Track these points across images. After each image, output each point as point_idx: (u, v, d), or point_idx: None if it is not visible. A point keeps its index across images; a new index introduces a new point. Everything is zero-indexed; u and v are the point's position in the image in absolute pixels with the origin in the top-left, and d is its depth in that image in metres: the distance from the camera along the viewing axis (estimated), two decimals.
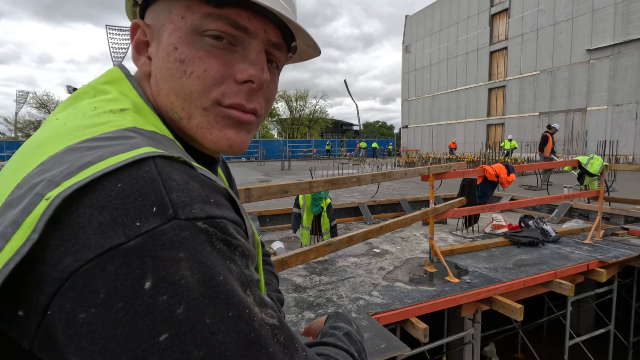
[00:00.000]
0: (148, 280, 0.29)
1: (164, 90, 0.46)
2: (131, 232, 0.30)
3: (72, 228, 0.30)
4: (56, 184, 0.31)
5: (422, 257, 4.08)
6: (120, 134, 0.37)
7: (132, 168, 0.32)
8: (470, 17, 32.16)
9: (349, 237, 2.70)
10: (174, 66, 0.44)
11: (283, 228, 5.70)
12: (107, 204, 0.30)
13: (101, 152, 0.33)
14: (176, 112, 0.46)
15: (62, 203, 0.30)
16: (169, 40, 0.44)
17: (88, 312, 0.28)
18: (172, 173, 0.34)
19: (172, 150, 0.38)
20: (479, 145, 27.71)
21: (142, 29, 0.47)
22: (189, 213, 0.32)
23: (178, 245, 0.31)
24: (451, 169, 3.72)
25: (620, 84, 21.64)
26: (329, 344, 0.50)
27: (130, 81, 0.46)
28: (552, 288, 3.59)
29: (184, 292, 0.30)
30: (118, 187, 0.31)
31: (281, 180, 14.14)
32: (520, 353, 5.58)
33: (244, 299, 0.33)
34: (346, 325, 0.58)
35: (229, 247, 0.34)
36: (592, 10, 22.82)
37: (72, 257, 0.29)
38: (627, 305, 5.34)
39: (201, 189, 0.35)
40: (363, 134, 54.40)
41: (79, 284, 0.29)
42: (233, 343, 0.31)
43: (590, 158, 5.15)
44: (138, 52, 0.48)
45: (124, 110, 0.42)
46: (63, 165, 0.33)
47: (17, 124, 41.96)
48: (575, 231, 5.15)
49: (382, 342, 2.25)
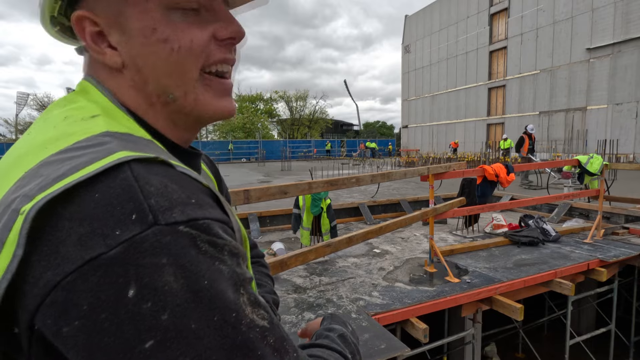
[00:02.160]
0: (131, 289, 0.29)
1: (152, 75, 0.44)
2: (111, 242, 0.29)
3: (51, 242, 0.30)
4: (30, 198, 0.31)
5: (422, 257, 4.08)
6: (93, 140, 0.36)
7: (108, 176, 0.32)
8: (469, 16, 32.16)
9: (349, 237, 2.70)
10: (159, 47, 0.43)
11: (283, 229, 5.70)
12: (86, 215, 0.30)
13: (75, 162, 0.33)
14: (171, 92, 0.45)
15: (40, 218, 0.30)
16: (143, 24, 0.42)
17: (71, 326, 0.28)
18: (149, 177, 0.33)
19: (150, 150, 0.37)
20: (479, 145, 27.70)
21: (91, 19, 0.43)
22: (169, 217, 0.32)
23: (160, 252, 0.30)
24: (451, 169, 3.72)
25: (620, 83, 21.63)
26: (322, 346, 0.50)
27: (98, 88, 0.45)
28: (552, 287, 3.59)
29: (168, 298, 0.29)
30: (95, 197, 0.31)
31: (281, 180, 14.14)
32: (521, 353, 5.57)
33: (232, 301, 0.32)
34: (341, 327, 0.58)
35: (215, 248, 0.33)
36: (592, 9, 22.82)
37: (52, 271, 0.29)
38: (627, 305, 5.33)
39: (181, 190, 0.34)
40: (363, 134, 54.39)
41: (60, 297, 0.28)
42: (219, 347, 0.30)
43: (590, 157, 5.15)
44: (96, 44, 0.44)
45: (95, 116, 0.41)
46: (38, 179, 0.33)
47: (17, 126, 41.99)
48: (575, 230, 5.15)
49: (382, 343, 2.25)
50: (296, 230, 4.48)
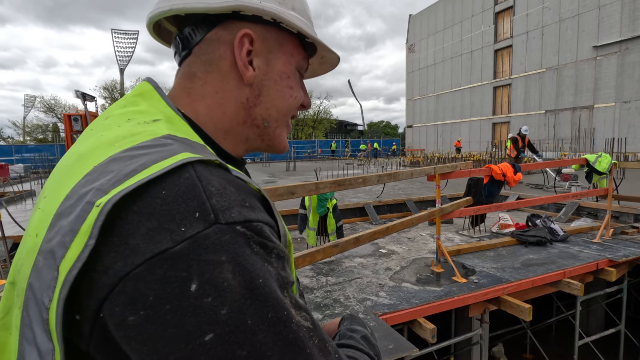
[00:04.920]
0: (194, 283, 0.30)
1: (267, 103, 0.53)
2: (177, 237, 0.31)
3: (121, 234, 0.31)
4: (105, 192, 0.33)
5: (429, 257, 4.06)
6: (157, 141, 0.39)
7: (173, 174, 0.34)
8: (474, 15, 31.98)
9: (356, 237, 2.71)
10: (286, 90, 0.54)
11: (289, 229, 5.68)
12: (154, 211, 0.32)
13: (143, 160, 0.35)
14: (268, 121, 0.54)
15: (110, 211, 0.31)
16: (284, 69, 0.54)
17: (137, 315, 0.30)
18: (210, 178, 0.35)
19: (206, 154, 0.40)
20: (485, 144, 27.52)
21: (251, 40, 0.50)
22: (228, 217, 0.34)
23: (220, 249, 0.32)
24: (457, 169, 3.70)
25: (628, 81, 21.38)
26: (350, 346, 0.52)
27: (159, 93, 0.48)
28: (561, 288, 3.56)
29: (227, 294, 0.31)
30: (162, 194, 0.33)
31: (286, 181, 14.16)
32: (529, 353, 5.53)
33: (283, 300, 0.34)
34: (362, 328, 0.59)
35: (265, 250, 0.35)
36: (599, 7, 22.59)
37: (122, 262, 0.30)
38: (637, 305, 5.28)
39: (237, 193, 0.36)
40: (367, 133, 54.28)
41: (128, 288, 0.30)
42: (273, 343, 0.32)
43: (599, 156, 5.09)
44: (247, 60, 0.51)
45: (157, 120, 0.44)
46: (109, 175, 0.34)
47: (25, 128, 42.48)
48: (583, 230, 5.10)
49: (390, 343, 2.25)
50: (302, 230, 4.49)
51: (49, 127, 42.60)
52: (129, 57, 39.90)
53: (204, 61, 0.50)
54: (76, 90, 11.91)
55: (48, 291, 0.32)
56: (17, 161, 24.42)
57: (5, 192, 10.54)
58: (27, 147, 29.36)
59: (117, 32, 39.10)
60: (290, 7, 0.52)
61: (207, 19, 0.50)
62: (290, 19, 0.51)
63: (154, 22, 0.53)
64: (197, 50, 0.51)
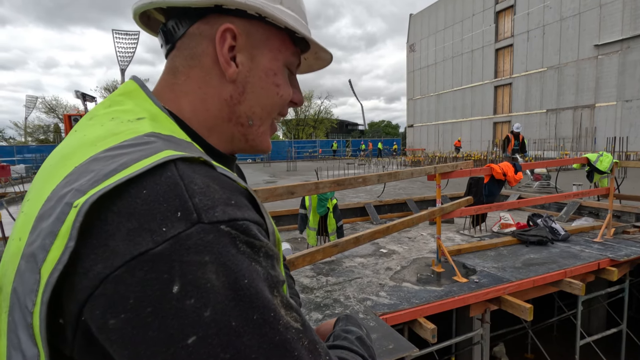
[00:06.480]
0: (176, 285, 0.30)
1: (251, 100, 0.51)
2: (158, 238, 0.30)
3: (101, 236, 0.31)
4: (83, 192, 0.32)
5: (430, 257, 4.06)
6: (140, 140, 0.38)
7: (155, 173, 0.33)
8: (475, 14, 31.94)
9: (356, 237, 2.70)
10: (271, 87, 0.52)
11: (289, 229, 5.71)
12: (134, 211, 0.31)
13: (124, 159, 0.34)
14: (252, 119, 0.52)
15: (90, 212, 0.31)
16: (270, 65, 0.52)
17: (118, 318, 0.29)
18: (193, 176, 0.34)
19: (191, 151, 0.39)
20: (486, 143, 27.50)
21: (234, 35, 0.48)
22: (212, 216, 0.33)
23: (203, 249, 0.31)
24: (458, 168, 3.69)
25: (629, 80, 21.32)
26: (343, 347, 0.51)
27: (145, 91, 0.48)
28: (562, 287, 3.55)
29: (210, 295, 0.30)
30: (143, 193, 0.32)
31: (287, 181, 14.17)
32: (530, 353, 5.52)
33: (270, 301, 0.33)
34: (357, 329, 0.58)
35: (252, 249, 0.34)
36: (600, 5, 22.53)
37: (102, 264, 0.30)
38: (639, 304, 5.26)
39: (222, 191, 0.35)
40: (368, 133, 54.27)
41: (108, 290, 0.29)
42: (258, 346, 0.31)
43: (600, 155, 5.08)
44: (228, 54, 0.49)
45: (141, 119, 0.43)
46: (89, 175, 0.34)
47: (26, 129, 42.57)
48: (585, 229, 5.09)
49: (390, 343, 2.25)
50: (302, 230, 4.48)
51: (50, 127, 42.71)
52: (130, 57, 39.94)
53: (187, 56, 0.49)
54: (76, 91, 11.94)
55: (31, 295, 0.31)
56: (18, 162, 24.51)
57: (7, 193, 10.57)
58: (29, 147, 29.47)
59: (118, 33, 39.15)
60: (277, 1, 0.50)
61: (189, 12, 0.48)
62: (277, 14, 0.48)
63: (139, 14, 0.52)
64: (180, 44, 0.49)
